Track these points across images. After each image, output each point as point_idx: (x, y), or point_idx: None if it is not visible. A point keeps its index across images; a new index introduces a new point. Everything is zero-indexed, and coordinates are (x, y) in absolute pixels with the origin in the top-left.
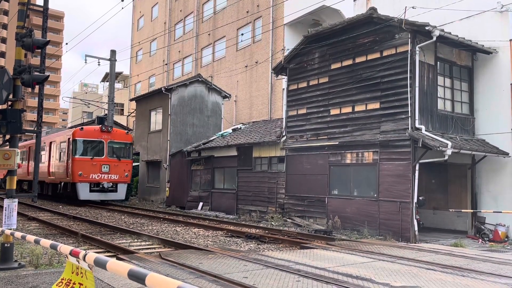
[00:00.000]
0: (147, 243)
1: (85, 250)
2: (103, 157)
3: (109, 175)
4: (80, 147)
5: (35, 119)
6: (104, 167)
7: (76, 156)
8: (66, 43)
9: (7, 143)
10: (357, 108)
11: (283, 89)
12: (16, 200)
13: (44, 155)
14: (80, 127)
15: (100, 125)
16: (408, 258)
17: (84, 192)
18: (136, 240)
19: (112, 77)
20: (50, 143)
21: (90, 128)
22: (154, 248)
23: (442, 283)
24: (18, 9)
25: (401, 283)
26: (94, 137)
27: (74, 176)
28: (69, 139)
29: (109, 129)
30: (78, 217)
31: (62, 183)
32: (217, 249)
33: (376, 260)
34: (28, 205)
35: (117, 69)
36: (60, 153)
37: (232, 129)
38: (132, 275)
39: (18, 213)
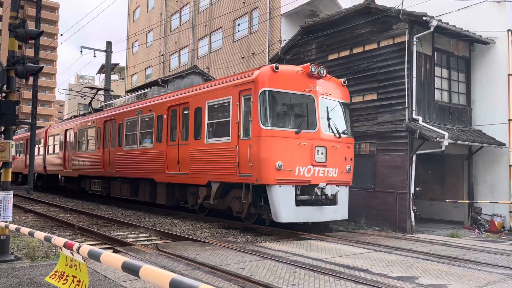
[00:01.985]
0: (144, 235)
1: (81, 242)
2: (315, 130)
3: (326, 169)
4: (275, 108)
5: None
6: (318, 152)
7: (266, 127)
8: (61, 35)
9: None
10: (354, 99)
11: None
12: (12, 192)
13: (150, 133)
14: (273, 66)
15: (310, 64)
16: (404, 248)
17: (287, 205)
18: (133, 232)
19: (108, 68)
20: (168, 107)
21: (288, 69)
22: (151, 240)
23: (438, 273)
24: None
25: (397, 274)
26: (297, 89)
27: (264, 169)
28: (240, 92)
29: (321, 72)
30: (75, 210)
31: (217, 186)
32: (214, 240)
33: (372, 251)
34: (24, 198)
35: (113, 61)
36: (214, 124)
37: None
38: (126, 268)
39: (15, 206)
